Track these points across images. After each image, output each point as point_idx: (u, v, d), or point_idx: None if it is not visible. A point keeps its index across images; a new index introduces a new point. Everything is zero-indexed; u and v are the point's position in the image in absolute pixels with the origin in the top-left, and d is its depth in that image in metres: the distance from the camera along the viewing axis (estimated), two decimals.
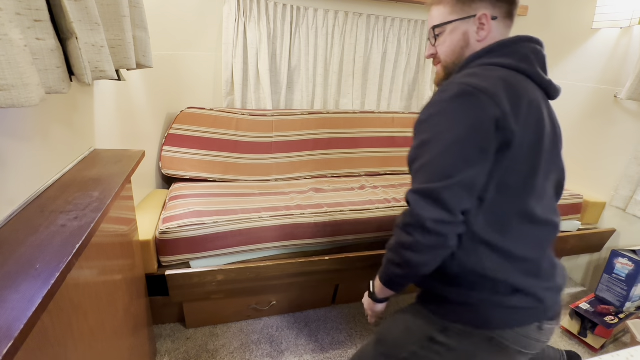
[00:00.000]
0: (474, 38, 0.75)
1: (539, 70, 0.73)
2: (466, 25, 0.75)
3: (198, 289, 1.23)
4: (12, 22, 0.53)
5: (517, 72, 0.71)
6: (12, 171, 0.65)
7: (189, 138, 1.66)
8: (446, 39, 0.78)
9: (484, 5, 0.74)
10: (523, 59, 0.71)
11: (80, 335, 0.61)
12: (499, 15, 0.74)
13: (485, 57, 0.73)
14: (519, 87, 0.68)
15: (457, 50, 0.77)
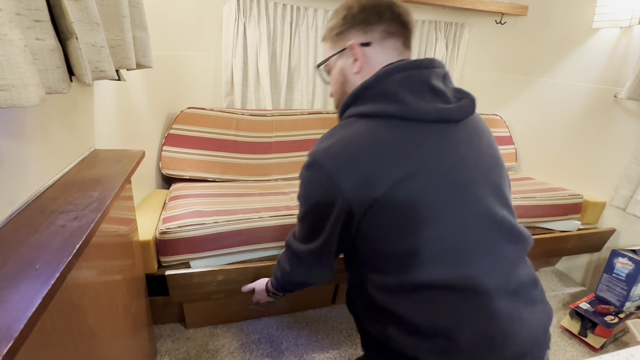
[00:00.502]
0: (351, 72, 0.69)
1: (420, 106, 0.59)
2: (343, 59, 0.70)
3: (198, 289, 1.23)
4: (12, 22, 0.53)
5: (387, 119, 0.60)
6: (12, 171, 0.65)
7: (188, 138, 1.66)
8: (332, 77, 0.74)
9: (354, 34, 0.67)
10: (391, 99, 0.60)
11: (80, 335, 0.61)
12: (374, 39, 0.67)
13: (353, 105, 0.65)
14: (376, 148, 0.58)
15: (339, 88, 0.73)
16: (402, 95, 0.60)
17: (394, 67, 0.62)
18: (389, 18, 0.66)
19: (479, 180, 0.62)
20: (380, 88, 0.62)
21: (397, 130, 0.59)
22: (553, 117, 1.99)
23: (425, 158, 0.58)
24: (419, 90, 0.61)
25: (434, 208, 0.58)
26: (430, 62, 0.64)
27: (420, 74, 0.62)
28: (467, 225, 0.59)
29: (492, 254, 0.61)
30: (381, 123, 0.60)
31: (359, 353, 1.36)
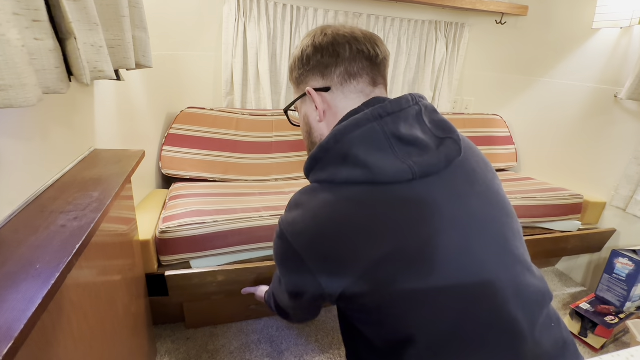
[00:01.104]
0: (314, 119, 0.62)
1: (384, 165, 0.50)
2: (306, 105, 0.63)
3: (198, 290, 1.22)
4: (9, 22, 0.53)
5: (353, 185, 0.51)
6: (12, 171, 0.65)
7: (189, 138, 1.66)
8: (300, 123, 0.67)
9: (311, 79, 0.60)
10: (352, 163, 0.51)
11: (80, 335, 0.61)
12: (333, 83, 0.58)
13: (314, 169, 0.56)
14: (341, 228, 0.50)
15: (307, 137, 0.66)
16: (365, 156, 0.50)
17: (351, 123, 0.52)
18: (349, 58, 0.57)
19: (475, 241, 0.51)
20: (339, 149, 0.52)
21: (365, 202, 0.50)
22: (553, 117, 1.99)
23: (403, 231, 0.49)
24: (385, 145, 0.51)
25: (419, 290, 0.48)
26: (397, 104, 0.54)
27: (384, 124, 0.52)
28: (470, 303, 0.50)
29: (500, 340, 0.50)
30: (346, 193, 0.51)
31: None
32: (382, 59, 0.59)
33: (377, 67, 0.59)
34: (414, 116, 0.55)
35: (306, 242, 0.51)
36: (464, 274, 0.50)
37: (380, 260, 0.48)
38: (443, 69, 2.18)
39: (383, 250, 0.48)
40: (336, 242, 0.50)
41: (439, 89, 2.22)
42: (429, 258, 0.49)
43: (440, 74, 2.19)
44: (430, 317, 0.49)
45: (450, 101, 2.28)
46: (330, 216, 0.51)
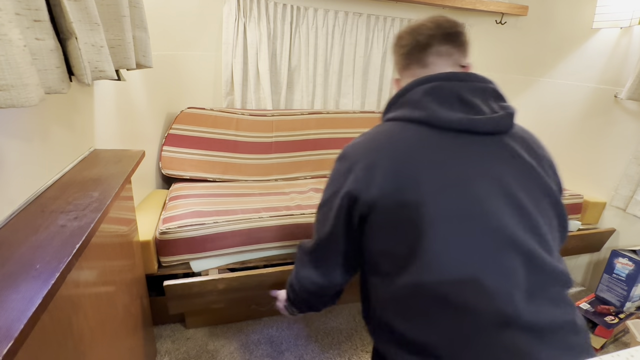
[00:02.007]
0: None
1: (444, 114, 0.60)
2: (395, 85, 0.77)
3: (198, 299, 1.20)
4: (11, 22, 0.53)
5: (412, 123, 0.62)
6: (12, 171, 0.65)
7: (189, 138, 1.66)
8: None
9: (395, 72, 0.77)
10: (416, 105, 0.63)
11: (80, 335, 0.61)
12: (402, 75, 0.74)
13: (387, 112, 0.70)
14: (394, 147, 0.61)
15: None
16: (426, 103, 0.62)
17: (424, 78, 0.65)
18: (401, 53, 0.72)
19: (497, 199, 0.56)
20: (408, 97, 0.65)
21: (416, 133, 0.61)
22: (553, 117, 1.99)
23: (438, 163, 0.58)
24: (447, 101, 0.61)
25: (435, 215, 0.55)
26: (467, 75, 0.64)
27: (452, 85, 0.62)
28: (471, 240, 0.55)
29: (502, 276, 0.54)
30: (403, 125, 0.63)
31: (359, 353, 1.36)
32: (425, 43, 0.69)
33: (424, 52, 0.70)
34: (480, 89, 0.64)
35: (359, 149, 0.64)
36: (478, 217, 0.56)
37: (415, 180, 0.57)
38: None
39: (417, 172, 0.58)
40: (381, 155, 0.60)
41: None
42: (457, 193, 0.56)
43: None
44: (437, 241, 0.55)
45: None
46: (387, 135, 0.64)
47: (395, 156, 0.60)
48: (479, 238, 0.55)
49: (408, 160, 0.59)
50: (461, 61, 0.71)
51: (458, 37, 0.71)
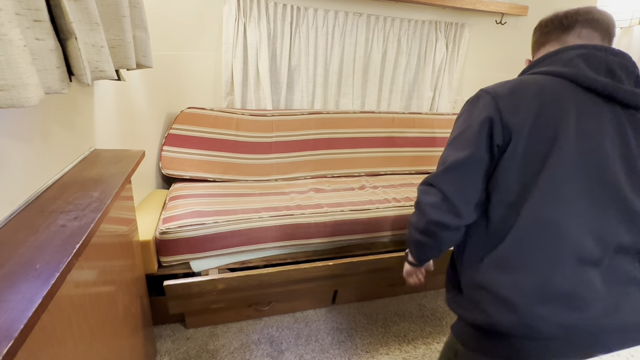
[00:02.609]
0: None
1: (591, 74, 0.66)
2: None
3: (198, 299, 1.21)
4: (11, 22, 0.53)
5: (558, 78, 0.68)
6: (12, 171, 0.65)
7: (189, 138, 1.67)
8: None
9: (531, 54, 0.82)
10: (566, 63, 0.68)
11: (80, 335, 0.61)
12: (536, 54, 0.80)
13: (532, 68, 0.75)
14: (540, 90, 0.66)
15: None
16: (577, 63, 0.67)
17: (578, 45, 0.69)
18: (540, 34, 0.78)
19: (620, 160, 0.64)
20: (560, 56, 0.70)
21: (562, 85, 0.66)
22: None
23: (578, 116, 0.64)
24: (596, 67, 0.66)
25: (562, 155, 0.63)
26: (620, 52, 0.68)
27: (604, 55, 0.67)
28: (586, 189, 0.63)
29: (601, 225, 0.63)
30: (550, 78, 0.68)
31: (359, 353, 1.36)
32: (569, 25, 0.74)
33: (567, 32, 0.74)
34: (628, 69, 0.67)
35: (503, 87, 0.69)
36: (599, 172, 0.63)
37: (555, 123, 0.64)
38: (443, 69, 2.18)
39: (556, 121, 0.64)
40: (528, 93, 0.66)
41: (439, 89, 2.22)
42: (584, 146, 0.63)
43: (440, 74, 2.19)
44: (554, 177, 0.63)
45: (450, 101, 2.28)
46: (534, 80, 0.68)
47: (540, 98, 0.65)
48: (590, 185, 0.63)
49: (551, 105, 0.65)
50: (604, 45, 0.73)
51: (603, 24, 0.72)
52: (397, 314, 1.58)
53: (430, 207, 0.76)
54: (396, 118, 2.05)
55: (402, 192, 1.67)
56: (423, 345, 1.42)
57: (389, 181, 1.85)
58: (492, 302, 0.66)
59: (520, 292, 0.63)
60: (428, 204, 0.76)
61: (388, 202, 1.54)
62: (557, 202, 0.63)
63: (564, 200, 0.63)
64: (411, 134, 2.05)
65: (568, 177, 0.63)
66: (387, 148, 2.01)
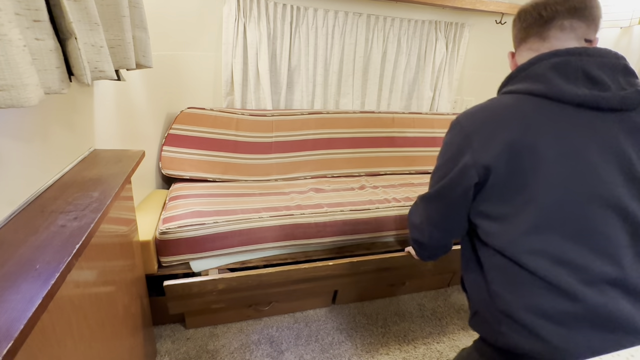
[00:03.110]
0: None
1: (566, 88, 0.61)
2: (509, 59, 0.82)
3: (198, 299, 1.21)
4: (11, 22, 0.53)
5: (532, 96, 0.64)
6: (12, 171, 0.65)
7: (188, 138, 1.66)
8: None
9: (513, 46, 0.79)
10: (538, 79, 0.64)
11: (80, 335, 0.61)
12: (518, 49, 0.75)
13: (506, 85, 0.73)
14: (512, 116, 0.63)
15: None
16: (550, 77, 0.62)
17: (550, 53, 0.65)
18: (519, 28, 0.73)
19: (612, 168, 0.59)
20: (531, 70, 0.66)
21: (536, 106, 0.63)
22: None
23: (555, 134, 0.60)
24: (572, 76, 0.62)
25: (548, 180, 0.60)
26: (596, 51, 0.62)
27: (579, 60, 0.62)
28: (579, 205, 0.59)
29: (605, 240, 0.58)
30: (523, 98, 0.65)
31: (359, 353, 1.36)
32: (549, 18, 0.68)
33: (546, 27, 0.69)
34: (610, 66, 0.62)
35: (477, 120, 0.67)
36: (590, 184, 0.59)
37: (532, 150, 0.60)
38: (443, 69, 2.18)
39: (530, 142, 0.60)
40: (500, 123, 0.64)
41: (439, 89, 2.22)
42: (572, 161, 0.59)
43: (440, 74, 2.19)
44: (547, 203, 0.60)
45: (450, 101, 2.28)
46: (501, 106, 0.66)
47: (513, 127, 0.62)
48: (587, 204, 0.59)
49: (526, 132, 0.61)
50: (588, 35, 0.67)
51: (586, 11, 0.66)
52: (397, 314, 1.58)
53: (411, 226, 0.90)
54: (396, 118, 2.05)
55: (402, 192, 1.67)
56: (423, 345, 1.42)
57: (389, 181, 1.85)
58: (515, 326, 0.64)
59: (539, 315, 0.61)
60: (411, 222, 0.89)
61: (388, 202, 1.54)
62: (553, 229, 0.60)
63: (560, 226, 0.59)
64: (411, 134, 2.05)
65: (559, 203, 0.59)
66: (387, 148, 2.01)
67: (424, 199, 0.83)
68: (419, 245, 0.90)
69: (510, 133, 0.62)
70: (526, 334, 0.61)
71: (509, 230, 0.63)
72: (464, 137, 0.68)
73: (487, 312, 0.69)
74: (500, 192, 0.64)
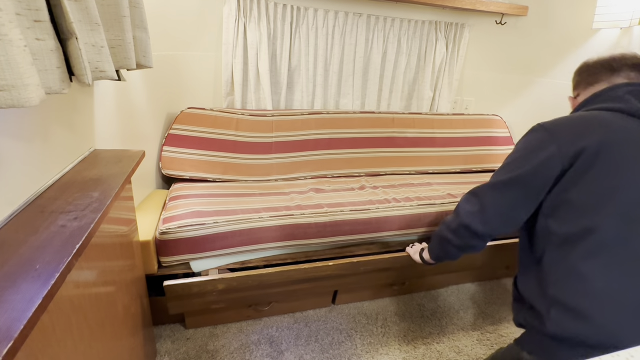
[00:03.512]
0: None
1: (635, 104, 0.74)
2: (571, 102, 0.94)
3: (198, 299, 1.21)
4: (11, 22, 0.53)
5: (613, 112, 0.75)
6: (12, 171, 0.65)
7: (188, 138, 1.66)
8: None
9: (572, 92, 0.94)
10: (618, 100, 0.76)
11: (80, 335, 0.61)
12: (580, 91, 0.89)
13: (585, 106, 0.83)
14: (593, 121, 0.74)
15: None
16: (629, 98, 0.75)
17: (625, 83, 0.79)
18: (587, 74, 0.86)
19: None
20: (610, 94, 0.79)
21: (615, 117, 0.74)
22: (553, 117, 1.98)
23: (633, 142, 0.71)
24: None
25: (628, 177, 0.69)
26: None
27: None
28: None
29: None
30: (604, 112, 0.76)
31: (359, 353, 1.36)
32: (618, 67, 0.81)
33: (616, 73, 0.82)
34: None
35: (560, 124, 0.77)
36: None
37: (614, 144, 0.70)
38: (443, 69, 2.18)
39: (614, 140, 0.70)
40: (586, 125, 0.73)
41: (439, 89, 2.22)
42: None
43: (440, 74, 2.19)
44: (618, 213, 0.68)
45: (450, 101, 2.28)
46: (587, 115, 0.76)
47: (598, 129, 0.72)
48: None
49: (610, 132, 0.71)
50: None
51: None
52: (397, 314, 1.58)
53: (466, 213, 0.89)
54: (396, 118, 2.05)
55: (402, 192, 1.67)
56: (423, 345, 1.42)
57: (389, 181, 1.85)
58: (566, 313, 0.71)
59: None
60: (465, 209, 0.90)
61: (388, 202, 1.54)
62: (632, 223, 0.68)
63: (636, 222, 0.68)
64: (411, 134, 2.05)
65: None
66: (387, 148, 2.01)
67: (493, 187, 0.85)
68: (458, 234, 0.92)
69: (596, 133, 0.71)
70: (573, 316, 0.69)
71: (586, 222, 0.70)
72: (548, 133, 0.76)
73: (536, 299, 0.77)
74: (583, 180, 0.71)
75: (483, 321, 1.57)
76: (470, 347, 1.43)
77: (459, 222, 0.91)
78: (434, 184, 1.82)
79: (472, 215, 0.88)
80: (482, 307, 1.65)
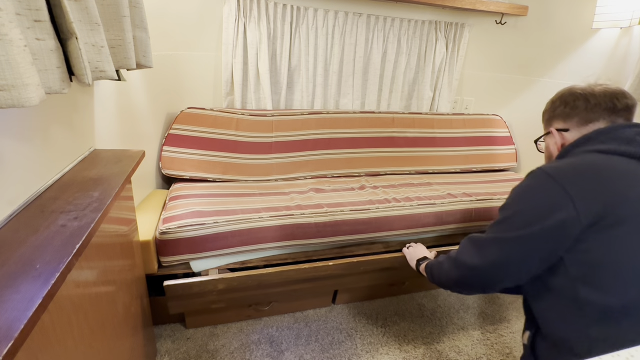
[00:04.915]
0: (554, 147, 0.87)
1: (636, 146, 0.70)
2: (549, 138, 0.90)
3: (198, 299, 1.21)
4: (12, 22, 0.53)
5: (623, 157, 0.70)
6: (12, 171, 0.65)
7: (189, 138, 1.66)
8: (543, 148, 0.96)
9: (556, 123, 0.87)
10: (629, 142, 0.71)
11: (80, 335, 0.61)
12: (571, 126, 0.83)
13: (582, 145, 0.77)
14: (609, 171, 0.68)
15: (547, 156, 0.93)
16: (637, 142, 0.71)
17: (634, 123, 0.76)
18: (584, 108, 0.80)
19: None
20: (617, 134, 0.73)
21: (629, 163, 0.69)
22: None
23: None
24: None
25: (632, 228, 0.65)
26: None
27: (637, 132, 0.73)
28: None
29: None
30: (613, 157, 0.71)
31: (359, 353, 1.36)
32: (622, 109, 0.78)
33: (617, 114, 0.78)
34: None
35: (568, 174, 0.70)
36: None
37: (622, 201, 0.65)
38: (443, 69, 2.18)
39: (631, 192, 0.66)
40: (601, 175, 0.68)
41: (439, 89, 2.22)
42: None
43: (440, 74, 2.19)
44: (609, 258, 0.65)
45: (450, 101, 2.28)
46: (593, 162, 0.71)
47: (615, 181, 0.67)
48: None
49: (626, 184, 0.67)
50: None
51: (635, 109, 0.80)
52: (397, 314, 1.58)
53: (465, 267, 0.84)
54: (396, 118, 2.05)
55: (402, 192, 1.67)
56: (423, 345, 1.42)
57: (389, 181, 1.85)
58: None
59: None
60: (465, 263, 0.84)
61: (388, 202, 1.54)
62: None
63: None
64: (411, 134, 2.05)
65: None
66: (387, 148, 2.01)
67: (497, 242, 0.77)
68: (457, 285, 0.88)
69: (613, 184, 0.67)
70: None
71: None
72: (557, 185, 0.69)
73: None
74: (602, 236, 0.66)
75: (483, 321, 1.57)
76: (470, 347, 1.43)
77: (457, 275, 0.86)
78: (434, 184, 1.82)
79: (470, 270, 0.82)
80: (482, 307, 1.65)
